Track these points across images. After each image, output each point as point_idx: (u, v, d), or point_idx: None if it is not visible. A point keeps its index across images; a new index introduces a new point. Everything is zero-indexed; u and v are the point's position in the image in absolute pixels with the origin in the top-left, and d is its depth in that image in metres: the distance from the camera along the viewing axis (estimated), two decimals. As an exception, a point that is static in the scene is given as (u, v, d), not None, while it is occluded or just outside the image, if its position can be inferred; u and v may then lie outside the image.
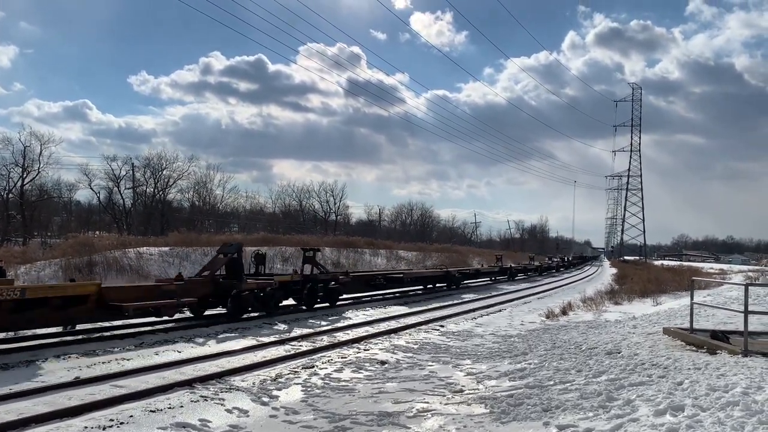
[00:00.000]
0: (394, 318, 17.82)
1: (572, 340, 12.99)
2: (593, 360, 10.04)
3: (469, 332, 15.42)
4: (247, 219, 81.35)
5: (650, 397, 7.05)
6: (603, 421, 6.48)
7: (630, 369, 8.89)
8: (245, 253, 18.27)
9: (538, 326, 16.80)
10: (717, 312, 15.47)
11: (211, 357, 10.85)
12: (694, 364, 8.78)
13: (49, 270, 25.97)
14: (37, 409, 7.19)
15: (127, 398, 7.81)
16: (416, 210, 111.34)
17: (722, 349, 9.96)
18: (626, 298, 25.36)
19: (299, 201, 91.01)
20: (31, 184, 63.61)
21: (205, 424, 6.94)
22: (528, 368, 9.91)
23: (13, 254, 29.67)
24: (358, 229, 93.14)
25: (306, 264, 20.11)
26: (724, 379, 7.54)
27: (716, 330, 11.60)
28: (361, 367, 10.42)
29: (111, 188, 70.09)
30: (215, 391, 8.41)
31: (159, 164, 70.55)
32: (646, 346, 11.08)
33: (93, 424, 6.73)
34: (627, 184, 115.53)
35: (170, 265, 29.60)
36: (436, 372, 10.15)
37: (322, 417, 7.35)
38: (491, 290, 31.97)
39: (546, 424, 6.69)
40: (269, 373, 9.71)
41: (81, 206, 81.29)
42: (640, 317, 16.94)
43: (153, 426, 6.74)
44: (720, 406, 6.34)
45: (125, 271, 27.46)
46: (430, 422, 7.18)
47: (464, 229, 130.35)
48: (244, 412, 7.50)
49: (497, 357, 11.58)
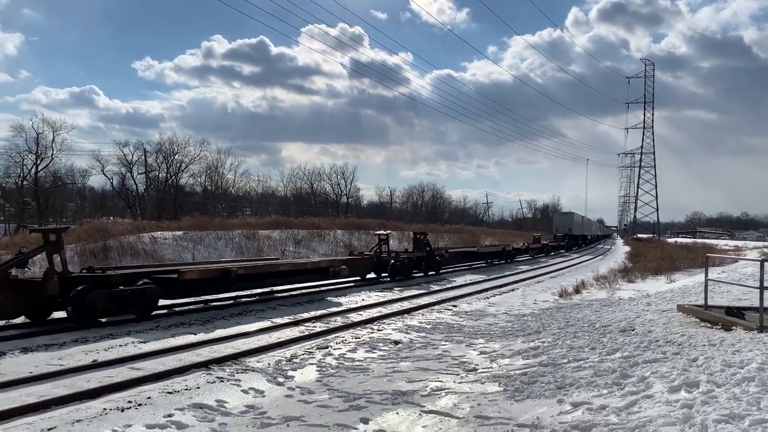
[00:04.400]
0: (406, 299, 17.89)
1: (586, 318, 12.98)
2: (607, 338, 10.03)
3: (481, 312, 15.45)
4: (259, 202, 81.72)
5: (664, 374, 7.04)
6: (617, 398, 6.49)
7: (644, 346, 8.87)
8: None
9: (551, 305, 16.80)
10: (732, 288, 15.38)
11: (226, 339, 10.96)
12: (709, 340, 8.75)
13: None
14: (57, 391, 7.30)
15: (145, 380, 7.91)
16: (427, 191, 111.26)
17: (737, 325, 9.92)
18: (640, 275, 25.28)
19: (310, 184, 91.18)
20: (45, 171, 64.19)
21: (222, 405, 7.02)
22: (541, 346, 9.92)
23: (29, 240, 30.00)
24: (369, 211, 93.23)
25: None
26: (740, 355, 7.51)
27: (731, 306, 11.54)
28: (374, 347, 10.49)
29: (124, 174, 70.57)
30: (231, 372, 8.50)
31: (171, 149, 70.88)
32: (660, 323, 11.05)
33: (112, 405, 6.83)
34: (640, 161, 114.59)
35: (184, 249, 29.79)
36: (449, 351, 10.19)
37: (337, 396, 7.41)
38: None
39: (560, 401, 6.71)
40: (284, 354, 9.80)
41: (94, 192, 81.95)
42: (653, 295, 16.88)
43: (170, 407, 6.83)
44: (735, 381, 6.32)
45: (140, 255, 27.66)
46: (444, 400, 7.23)
47: (476, 209, 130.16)
48: (260, 393, 7.58)
49: (510, 336, 11.60)
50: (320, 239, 39.62)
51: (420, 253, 26.29)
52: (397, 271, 23.26)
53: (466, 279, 25.38)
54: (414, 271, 25.07)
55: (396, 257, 23.96)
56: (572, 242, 66.44)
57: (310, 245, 37.26)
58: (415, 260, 25.22)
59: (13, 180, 63.00)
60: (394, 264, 23.27)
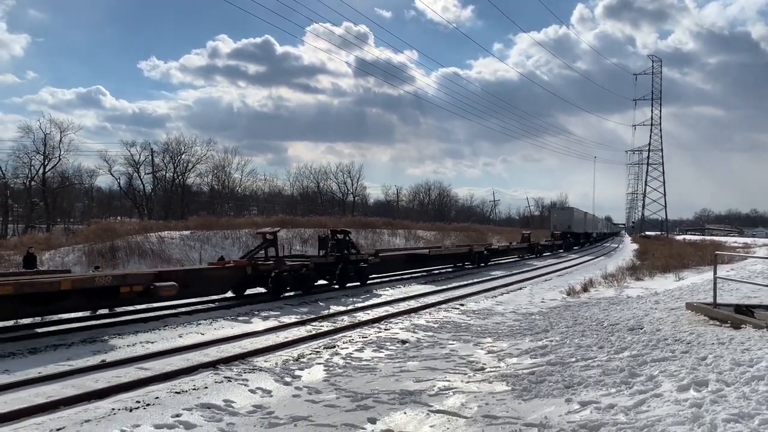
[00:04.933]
0: (414, 297, 17.86)
1: (593, 316, 12.93)
2: (615, 336, 9.98)
3: (489, 310, 15.41)
4: (265, 202, 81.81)
5: (673, 373, 7.00)
6: (626, 397, 6.45)
7: (652, 345, 8.82)
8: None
9: (559, 303, 16.75)
10: (741, 286, 15.27)
11: (234, 338, 10.98)
12: (718, 338, 8.69)
13: (72, 256, 26.38)
14: (66, 391, 7.34)
15: (153, 380, 7.95)
16: (434, 190, 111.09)
17: (747, 323, 9.84)
18: (648, 273, 25.14)
19: (317, 183, 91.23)
20: (53, 171, 64.44)
21: (230, 405, 7.03)
22: (549, 345, 9.89)
23: (38, 240, 30.22)
24: (376, 209, 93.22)
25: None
26: (749, 353, 7.45)
27: (740, 304, 11.45)
28: (382, 346, 10.48)
29: (131, 174, 70.75)
30: (239, 372, 8.51)
31: (177, 149, 71.02)
32: (669, 321, 10.98)
33: (120, 405, 6.85)
34: (648, 158, 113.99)
35: (191, 248, 29.92)
36: (457, 350, 10.17)
37: (345, 396, 7.41)
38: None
39: (568, 400, 6.68)
40: (291, 354, 9.81)
41: (102, 192, 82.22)
42: (662, 293, 16.79)
43: (178, 407, 6.85)
44: (745, 380, 6.27)
45: (147, 255, 27.78)
46: (452, 400, 7.21)
47: (483, 207, 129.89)
48: (268, 392, 7.59)
49: (518, 335, 11.56)
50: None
51: (324, 259, 19.84)
52: (282, 285, 16.87)
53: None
54: (325, 282, 19.61)
55: (280, 265, 17.22)
56: (573, 241, 59.42)
57: (316, 244, 37.22)
58: (319, 268, 18.96)
59: (21, 180, 63.32)
60: (279, 275, 16.79)
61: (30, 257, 19.08)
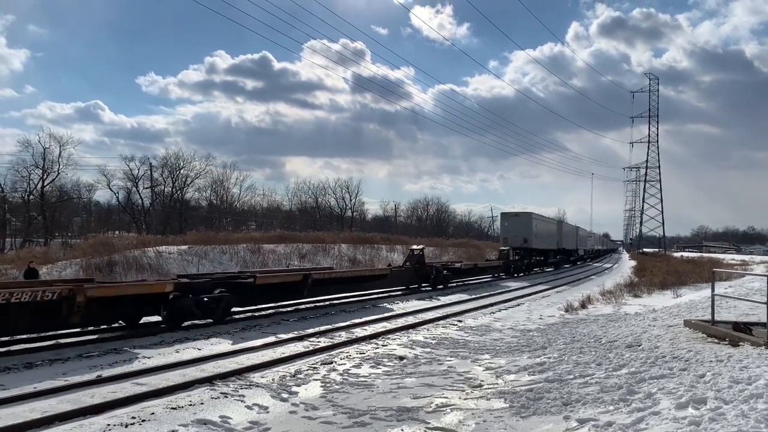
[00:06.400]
0: (411, 314, 17.82)
1: (592, 333, 12.90)
2: (613, 353, 9.96)
3: (487, 327, 15.37)
4: (264, 217, 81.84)
5: (671, 390, 6.99)
6: (624, 414, 6.43)
7: (651, 362, 8.81)
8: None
9: (557, 320, 16.71)
10: (739, 303, 15.27)
11: (230, 354, 10.93)
12: (716, 356, 8.68)
13: (70, 270, 26.27)
14: (61, 407, 7.29)
15: (149, 396, 7.90)
16: (432, 205, 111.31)
17: (745, 340, 9.83)
18: (646, 290, 25.11)
19: (315, 198, 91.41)
20: (51, 186, 64.63)
21: (226, 421, 6.99)
22: (547, 362, 9.86)
23: (35, 255, 30.09)
24: (374, 225, 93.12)
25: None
26: (748, 371, 7.44)
27: (738, 322, 11.45)
28: (379, 362, 10.44)
29: (129, 188, 70.95)
30: (235, 388, 8.47)
31: (176, 164, 71.40)
32: (667, 338, 10.97)
33: (115, 421, 6.81)
34: (645, 175, 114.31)
35: (189, 263, 29.83)
36: (454, 367, 10.13)
37: (342, 412, 7.37)
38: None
39: (566, 418, 6.66)
40: (288, 369, 9.76)
41: (100, 206, 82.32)
42: (660, 310, 16.77)
43: (174, 423, 6.81)
44: (743, 398, 6.26)
45: (145, 269, 27.70)
46: (449, 417, 7.17)
47: (480, 223, 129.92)
48: (264, 408, 7.55)
49: (516, 351, 11.53)
50: (325, 253, 39.64)
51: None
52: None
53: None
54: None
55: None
56: (530, 262, 42.99)
57: (314, 259, 37.26)
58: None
59: (19, 194, 63.43)
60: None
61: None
